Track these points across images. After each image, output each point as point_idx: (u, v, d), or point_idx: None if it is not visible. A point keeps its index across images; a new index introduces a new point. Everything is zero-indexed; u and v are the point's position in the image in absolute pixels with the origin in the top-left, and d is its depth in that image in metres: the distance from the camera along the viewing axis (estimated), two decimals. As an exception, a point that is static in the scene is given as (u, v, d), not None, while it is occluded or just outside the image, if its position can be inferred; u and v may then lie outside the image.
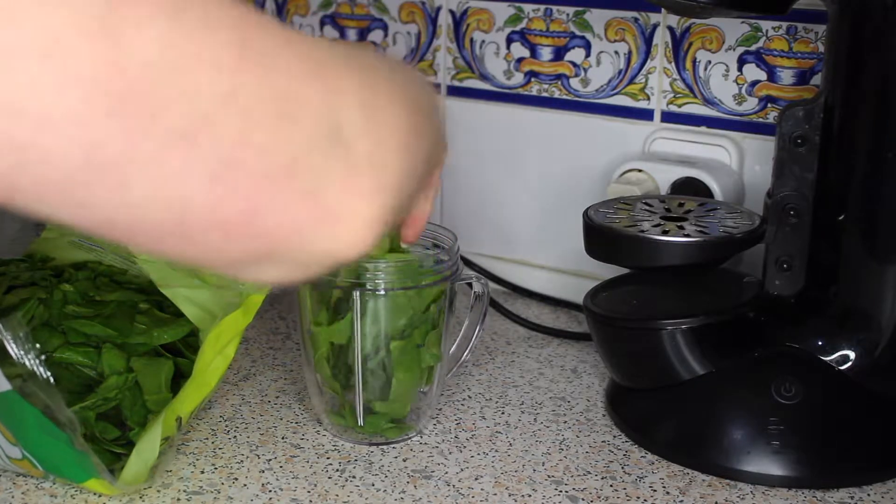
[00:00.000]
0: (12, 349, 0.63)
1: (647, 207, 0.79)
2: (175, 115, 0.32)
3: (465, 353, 0.78)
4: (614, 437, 0.75)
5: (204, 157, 0.32)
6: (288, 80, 0.35)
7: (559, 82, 0.98)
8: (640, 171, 0.89)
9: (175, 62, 0.31)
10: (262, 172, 0.34)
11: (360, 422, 0.72)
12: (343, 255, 0.37)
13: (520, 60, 0.99)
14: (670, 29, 0.91)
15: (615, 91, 0.95)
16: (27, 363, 0.63)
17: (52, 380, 0.64)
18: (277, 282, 0.38)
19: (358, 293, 0.69)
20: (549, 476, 0.70)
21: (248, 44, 0.34)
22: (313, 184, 0.35)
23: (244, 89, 0.33)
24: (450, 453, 0.72)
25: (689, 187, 0.86)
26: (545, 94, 0.99)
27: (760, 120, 0.89)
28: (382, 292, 0.70)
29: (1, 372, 0.60)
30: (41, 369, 0.63)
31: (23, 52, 0.29)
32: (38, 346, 0.64)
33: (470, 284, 0.77)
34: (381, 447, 0.73)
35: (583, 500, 0.67)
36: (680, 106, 0.92)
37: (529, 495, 0.67)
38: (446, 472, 0.70)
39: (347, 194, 0.36)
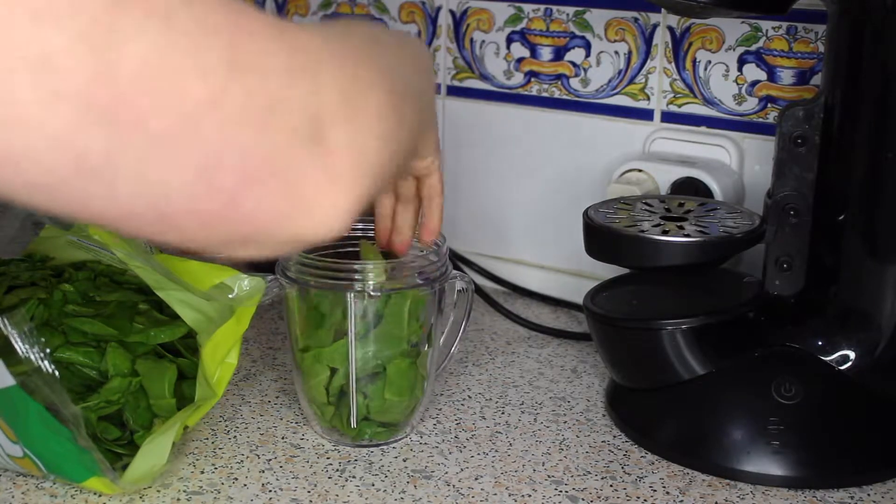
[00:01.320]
0: (18, 344, 0.63)
1: (647, 207, 0.79)
2: (160, 120, 0.33)
3: (453, 348, 0.78)
4: (614, 437, 0.75)
5: (186, 158, 0.34)
6: (273, 82, 0.36)
7: (559, 82, 0.98)
8: (640, 171, 0.89)
9: (162, 71, 0.33)
10: (242, 170, 0.35)
11: (354, 423, 0.72)
12: (318, 238, 0.39)
13: (520, 60, 0.99)
14: (670, 29, 0.91)
15: (615, 91, 0.95)
16: (32, 358, 0.63)
17: (57, 374, 0.64)
18: (256, 257, 0.40)
19: (352, 295, 0.69)
20: (549, 476, 0.70)
21: (235, 48, 0.35)
22: (291, 177, 0.37)
23: (229, 95, 0.34)
24: (450, 453, 0.72)
25: (689, 187, 0.86)
26: (545, 94, 0.99)
27: (760, 120, 0.89)
28: (373, 294, 0.69)
29: (5, 367, 0.60)
30: (46, 364, 0.63)
31: (17, 68, 0.31)
32: (42, 339, 0.64)
33: (454, 283, 0.77)
34: (380, 448, 0.73)
35: (583, 500, 0.67)
36: (680, 106, 0.92)
37: (529, 495, 0.67)
38: (446, 472, 0.70)
39: (323, 184, 0.38)
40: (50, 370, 0.63)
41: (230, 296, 0.70)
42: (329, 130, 0.38)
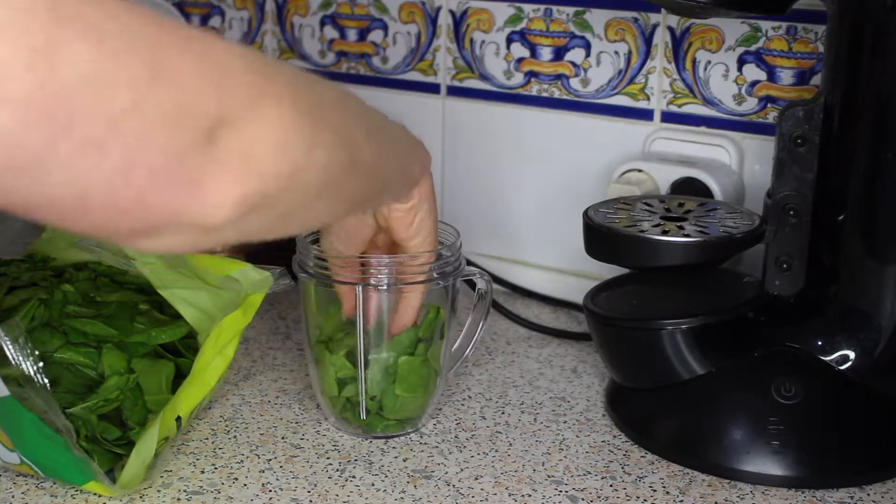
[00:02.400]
0: (10, 353, 0.63)
1: (647, 207, 0.79)
2: (89, 125, 0.37)
3: (468, 351, 0.79)
4: (614, 437, 0.75)
5: (108, 157, 0.38)
6: (187, 92, 0.41)
7: (559, 82, 0.98)
8: (640, 171, 0.89)
9: (95, 83, 0.37)
10: (154, 168, 0.40)
11: (363, 416, 0.73)
12: (218, 226, 0.44)
13: (520, 60, 0.99)
14: (670, 29, 0.91)
15: (615, 91, 0.95)
16: (25, 367, 0.63)
17: (48, 386, 0.64)
18: (166, 250, 0.45)
19: (360, 289, 0.70)
20: (549, 476, 0.70)
21: (159, 63, 0.40)
22: (192, 174, 0.41)
23: (149, 103, 0.39)
24: (450, 453, 0.72)
25: (689, 187, 0.87)
26: (545, 94, 0.99)
27: (760, 120, 0.89)
28: (385, 287, 0.70)
29: None
30: (39, 375, 0.63)
31: None
32: (36, 352, 0.64)
33: (472, 282, 0.77)
34: (381, 448, 0.73)
35: (583, 500, 0.67)
36: (680, 106, 0.92)
37: (529, 495, 0.67)
38: (446, 472, 0.70)
39: (219, 180, 0.42)
40: (42, 381, 0.63)
41: (238, 286, 0.70)
42: (225, 132, 0.42)
